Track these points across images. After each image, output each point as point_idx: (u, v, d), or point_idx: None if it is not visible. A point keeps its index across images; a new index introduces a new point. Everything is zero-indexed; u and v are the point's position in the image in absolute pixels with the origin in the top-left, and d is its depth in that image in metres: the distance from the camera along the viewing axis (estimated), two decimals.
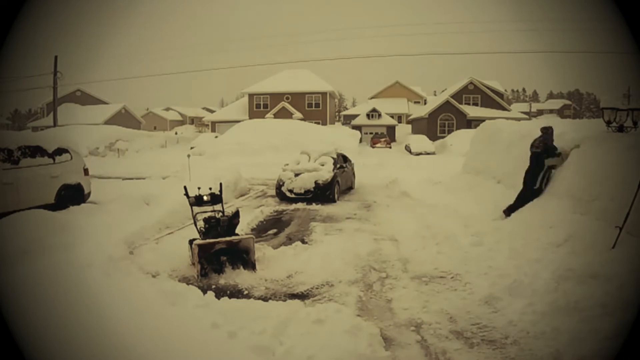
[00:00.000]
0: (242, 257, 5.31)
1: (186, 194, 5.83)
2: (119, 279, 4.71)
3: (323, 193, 10.98)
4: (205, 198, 5.94)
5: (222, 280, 5.13)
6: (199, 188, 6.04)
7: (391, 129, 44.91)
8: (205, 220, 5.76)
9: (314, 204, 10.71)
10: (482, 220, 7.71)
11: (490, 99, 40.39)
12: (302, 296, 4.66)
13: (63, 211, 7.59)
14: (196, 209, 5.92)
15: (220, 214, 5.92)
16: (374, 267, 5.63)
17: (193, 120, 70.21)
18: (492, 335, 3.71)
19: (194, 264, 5.29)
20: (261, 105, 42.99)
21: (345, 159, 13.31)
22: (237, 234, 5.78)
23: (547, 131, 7.72)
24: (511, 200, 7.78)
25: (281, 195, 11.33)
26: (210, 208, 6.00)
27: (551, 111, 79.73)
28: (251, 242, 5.37)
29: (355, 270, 5.46)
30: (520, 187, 7.78)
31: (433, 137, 35.57)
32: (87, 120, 38.65)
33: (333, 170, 11.60)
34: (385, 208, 10.08)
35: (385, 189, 13.10)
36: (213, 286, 4.93)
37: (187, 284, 4.86)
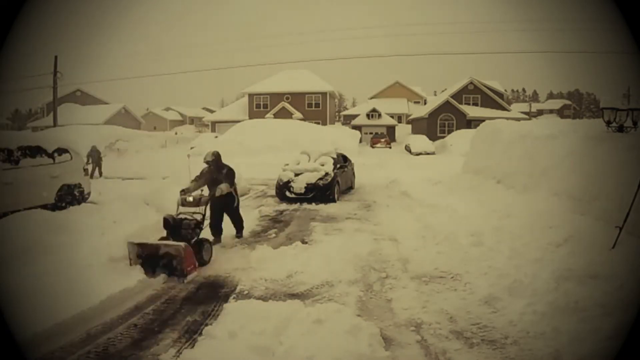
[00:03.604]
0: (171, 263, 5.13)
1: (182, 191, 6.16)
2: (118, 279, 4.72)
3: (323, 193, 10.98)
4: (189, 199, 6.06)
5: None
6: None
7: (391, 129, 44.87)
8: (177, 219, 5.84)
9: (314, 204, 10.71)
10: (482, 220, 7.69)
11: (490, 99, 40.35)
12: (302, 296, 4.65)
13: (63, 211, 7.58)
14: (181, 208, 6.07)
15: (197, 216, 5.97)
16: (374, 267, 5.63)
17: (193, 120, 70.09)
18: (492, 335, 3.71)
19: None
20: (261, 105, 42.98)
21: (345, 159, 13.30)
22: (203, 239, 5.85)
23: None
24: (511, 200, 7.74)
25: (281, 195, 11.33)
26: (193, 210, 6.07)
27: (551, 111, 79.65)
28: (181, 250, 5.09)
29: (355, 270, 5.46)
30: (519, 187, 7.75)
31: (433, 137, 35.53)
32: (87, 120, 38.53)
33: (333, 170, 11.60)
34: (385, 208, 10.08)
35: (385, 189, 13.10)
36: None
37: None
